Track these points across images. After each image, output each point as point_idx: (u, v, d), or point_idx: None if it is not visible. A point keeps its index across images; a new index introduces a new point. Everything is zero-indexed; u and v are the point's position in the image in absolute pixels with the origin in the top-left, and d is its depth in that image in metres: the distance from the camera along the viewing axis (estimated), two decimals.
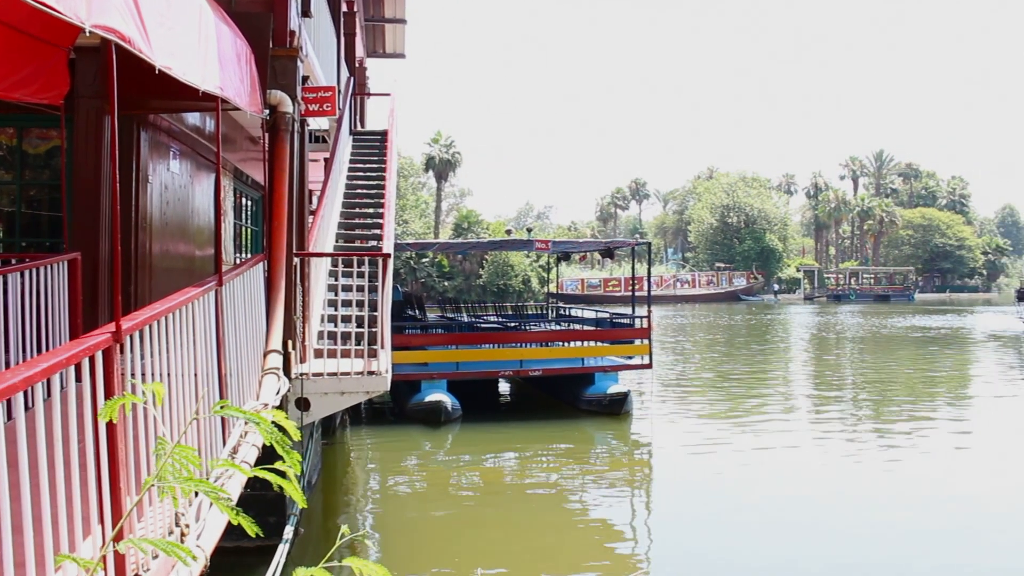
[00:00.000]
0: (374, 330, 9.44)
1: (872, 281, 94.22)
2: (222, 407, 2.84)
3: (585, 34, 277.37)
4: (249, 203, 13.92)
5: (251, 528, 2.35)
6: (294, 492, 2.37)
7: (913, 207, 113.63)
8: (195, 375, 5.02)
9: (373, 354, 9.26)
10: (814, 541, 9.63)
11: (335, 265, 11.33)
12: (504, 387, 21.31)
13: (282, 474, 2.56)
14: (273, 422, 2.62)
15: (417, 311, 21.64)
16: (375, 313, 9.55)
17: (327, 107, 9.93)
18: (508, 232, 37.54)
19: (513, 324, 21.19)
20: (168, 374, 4.47)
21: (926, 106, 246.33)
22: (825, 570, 8.70)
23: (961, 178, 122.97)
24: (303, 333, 9.16)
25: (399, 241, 20.55)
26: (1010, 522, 10.29)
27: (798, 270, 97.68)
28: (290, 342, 8.53)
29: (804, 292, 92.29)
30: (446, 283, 66.49)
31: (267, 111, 8.09)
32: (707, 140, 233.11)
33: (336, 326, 10.02)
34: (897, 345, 35.61)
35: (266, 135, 8.35)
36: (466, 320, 22.47)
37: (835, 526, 10.16)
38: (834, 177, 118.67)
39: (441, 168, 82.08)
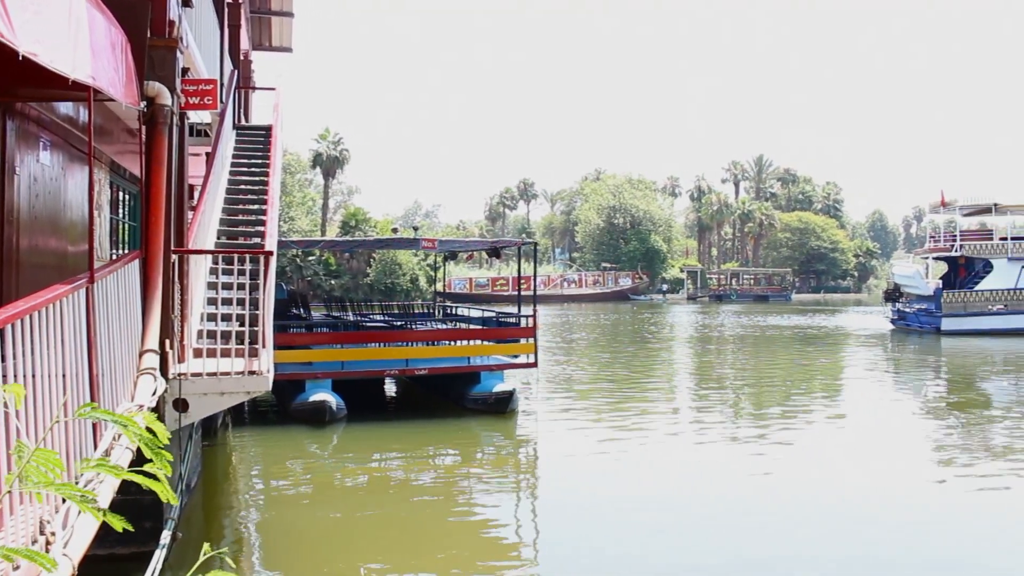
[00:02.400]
0: (256, 329, 9.26)
1: (752, 282, 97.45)
2: (92, 409, 2.73)
3: (473, 33, 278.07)
4: (127, 197, 13.46)
5: (118, 524, 2.27)
6: (163, 490, 2.29)
7: (791, 211, 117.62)
8: (63, 376, 4.82)
9: (254, 353, 9.09)
10: (698, 535, 9.84)
11: (216, 262, 11.05)
12: (390, 386, 21.16)
13: (154, 477, 2.47)
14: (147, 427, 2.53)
15: (302, 309, 21.31)
16: (257, 312, 9.37)
17: (208, 100, 9.69)
18: (394, 230, 37.33)
19: (399, 323, 21.06)
20: (34, 375, 4.28)
21: (803, 114, 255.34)
22: (710, 562, 8.91)
23: (835, 184, 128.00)
24: (181, 332, 8.90)
25: (284, 239, 20.24)
26: (883, 511, 10.71)
27: (682, 271, 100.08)
28: (168, 341, 8.29)
29: (687, 292, 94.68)
30: (333, 281, 65.62)
31: (144, 103, 7.84)
32: (594, 141, 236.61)
33: (217, 325, 9.78)
34: (775, 344, 36.84)
35: (143, 128, 8.08)
36: (352, 319, 22.23)
37: (717, 519, 10.40)
38: (717, 180, 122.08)
39: (328, 165, 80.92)
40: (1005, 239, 42.95)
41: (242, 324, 9.43)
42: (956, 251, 43.08)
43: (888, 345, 36.79)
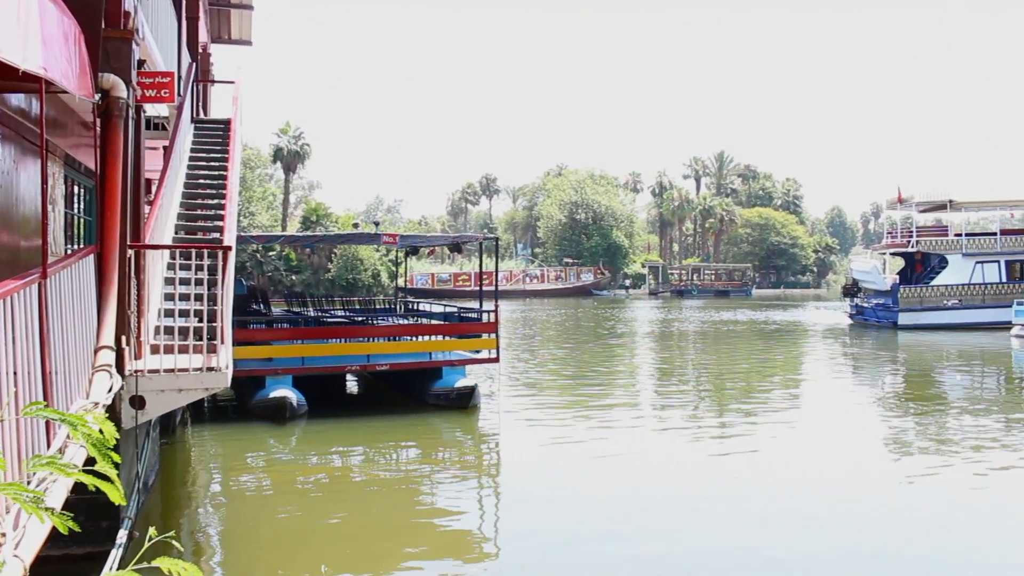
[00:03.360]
0: (214, 325, 9.16)
1: (713, 277, 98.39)
2: (40, 408, 2.67)
3: (435, 27, 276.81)
4: (83, 192, 13.25)
5: (63, 525, 2.22)
6: (111, 491, 2.24)
7: (751, 207, 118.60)
8: (15, 373, 4.72)
9: (213, 349, 8.98)
10: (658, 528, 9.88)
11: (174, 258, 10.90)
12: (352, 382, 21.06)
13: (106, 476, 2.42)
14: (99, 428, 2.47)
15: (262, 305, 21.13)
16: (216, 307, 9.26)
17: (165, 93, 9.55)
18: (355, 226, 37.05)
19: (360, 318, 20.96)
20: None
21: (763, 110, 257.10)
22: (669, 556, 8.95)
23: (795, 180, 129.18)
24: (138, 328, 8.78)
25: (244, 234, 20.04)
26: (842, 503, 10.83)
27: (643, 266, 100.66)
28: (124, 338, 8.17)
29: (649, 287, 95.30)
30: (294, 277, 65.27)
31: (98, 95, 7.71)
32: (557, 137, 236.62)
33: (175, 321, 9.66)
34: (736, 339, 37.16)
35: (98, 121, 7.95)
36: (312, 314, 22.09)
37: (678, 513, 10.47)
38: (678, 176, 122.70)
39: (289, 160, 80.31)
40: (960, 235, 43.62)
41: (200, 320, 9.32)
42: (912, 247, 43.68)
43: (847, 339, 37.25)
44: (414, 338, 18.34)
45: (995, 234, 43.83)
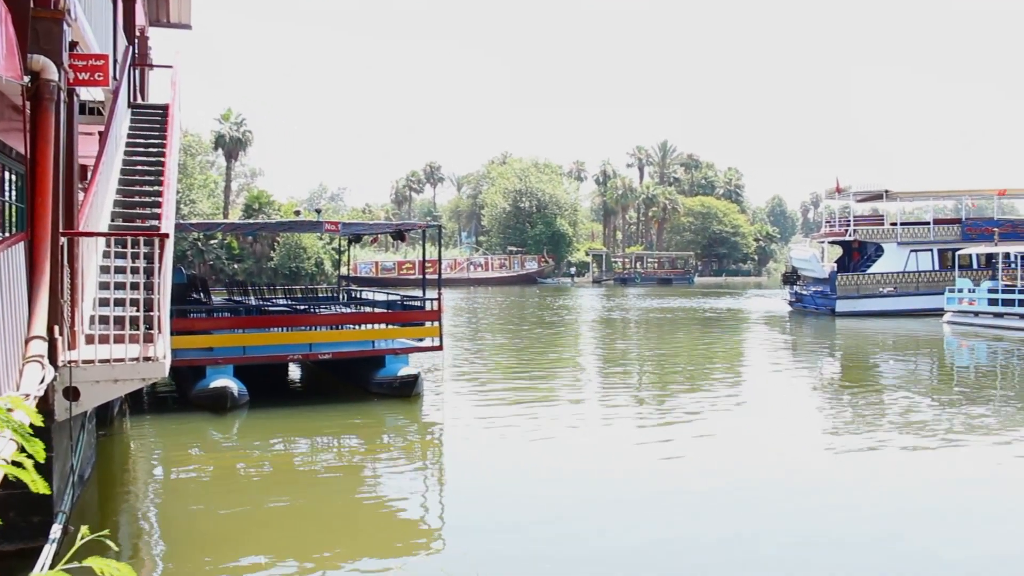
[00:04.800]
0: (152, 314, 8.98)
1: (656, 265, 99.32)
2: None
3: (379, 14, 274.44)
4: (14, 178, 12.88)
5: None
6: (30, 479, 2.17)
7: (694, 196, 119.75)
8: None
9: (150, 339, 8.81)
10: (600, 515, 9.92)
11: (110, 246, 10.67)
12: (294, 371, 20.86)
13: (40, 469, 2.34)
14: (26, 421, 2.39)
15: (202, 294, 20.81)
16: (153, 296, 9.08)
17: (99, 76, 9.33)
18: (297, 213, 36.62)
19: (303, 307, 20.77)
20: None
21: (706, 101, 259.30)
22: (611, 541, 8.99)
23: (736, 170, 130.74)
24: (72, 318, 8.57)
25: (183, 221, 19.70)
26: (781, 486, 11.00)
27: (587, 254, 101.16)
28: (56, 328, 7.97)
29: (593, 275, 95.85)
30: (236, 265, 64.39)
31: (28, 78, 7.49)
32: (501, 125, 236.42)
33: (111, 310, 9.46)
34: (679, 326, 37.55)
35: (27, 104, 7.73)
36: (254, 303, 21.82)
37: (621, 499, 10.52)
38: (622, 165, 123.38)
39: (231, 146, 79.12)
40: (895, 224, 44.51)
41: (138, 309, 9.14)
42: (850, 236, 44.46)
43: (786, 326, 37.84)
44: (357, 326, 18.19)
45: (928, 223, 44.82)
